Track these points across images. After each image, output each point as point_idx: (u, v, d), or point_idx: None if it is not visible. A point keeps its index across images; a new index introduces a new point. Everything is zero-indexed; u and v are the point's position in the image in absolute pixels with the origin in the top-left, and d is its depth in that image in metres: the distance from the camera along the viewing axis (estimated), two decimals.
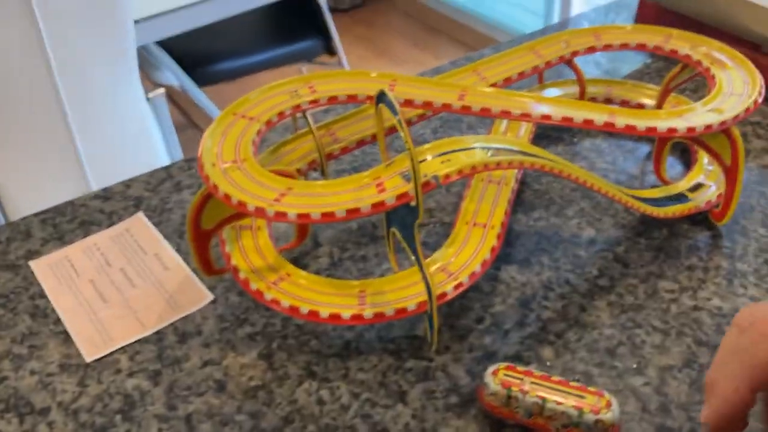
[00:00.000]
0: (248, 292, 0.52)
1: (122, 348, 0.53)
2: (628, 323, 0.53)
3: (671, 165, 0.68)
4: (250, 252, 0.55)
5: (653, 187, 0.65)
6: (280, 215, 0.44)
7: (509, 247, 0.60)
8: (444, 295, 0.51)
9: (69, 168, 1.25)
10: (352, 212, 0.44)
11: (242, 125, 0.53)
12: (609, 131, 0.54)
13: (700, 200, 0.61)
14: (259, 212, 0.45)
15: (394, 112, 0.43)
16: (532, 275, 0.58)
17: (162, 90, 1.60)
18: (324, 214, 0.44)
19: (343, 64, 2.12)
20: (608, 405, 0.44)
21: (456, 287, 0.51)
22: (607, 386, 0.49)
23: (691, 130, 0.54)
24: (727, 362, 0.38)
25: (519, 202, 0.65)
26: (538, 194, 0.66)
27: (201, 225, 0.51)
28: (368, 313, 0.50)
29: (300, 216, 0.44)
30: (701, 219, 0.62)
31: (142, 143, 1.43)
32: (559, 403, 0.44)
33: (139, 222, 0.65)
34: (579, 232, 0.62)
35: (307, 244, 0.61)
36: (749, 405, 0.37)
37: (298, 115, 0.59)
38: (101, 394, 0.50)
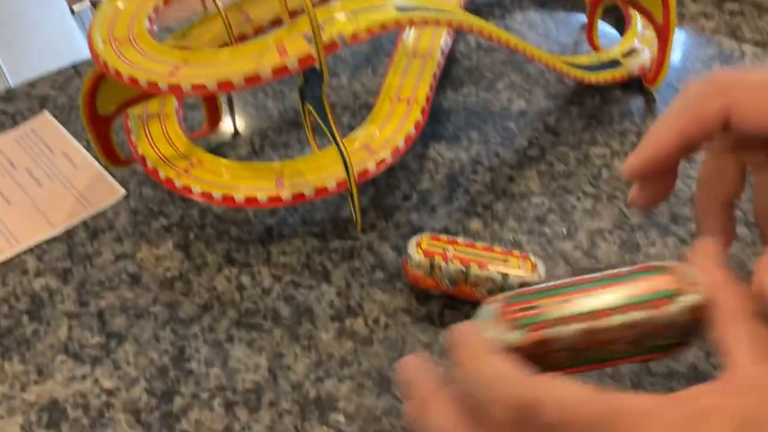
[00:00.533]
0: (158, 182, 0.49)
1: (29, 249, 0.50)
2: (558, 190, 0.52)
3: (605, 34, 0.65)
4: (159, 140, 0.51)
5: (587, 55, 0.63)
6: (174, 89, 0.41)
7: (437, 124, 0.58)
8: (366, 172, 0.48)
9: None
10: (252, 80, 0.40)
11: (139, 1, 0.49)
12: None
13: (633, 65, 0.59)
14: (152, 87, 0.41)
15: None
16: (461, 151, 0.55)
17: (86, 3, 1.51)
18: (221, 84, 0.40)
19: None
20: (533, 268, 0.42)
21: (378, 164, 0.49)
22: (536, 253, 0.48)
23: None
24: (666, 114, 0.32)
25: (448, 78, 0.62)
26: (468, 70, 0.63)
27: (98, 110, 0.47)
28: (286, 194, 0.47)
29: (195, 87, 0.40)
30: (635, 86, 0.60)
31: (68, 55, 1.35)
32: (483, 268, 0.42)
33: (45, 121, 0.61)
34: (509, 105, 0.59)
35: (225, 135, 0.58)
36: (674, 154, 0.31)
37: None
38: (7, 297, 0.47)
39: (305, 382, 0.42)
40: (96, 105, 0.47)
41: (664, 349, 0.28)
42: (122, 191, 0.54)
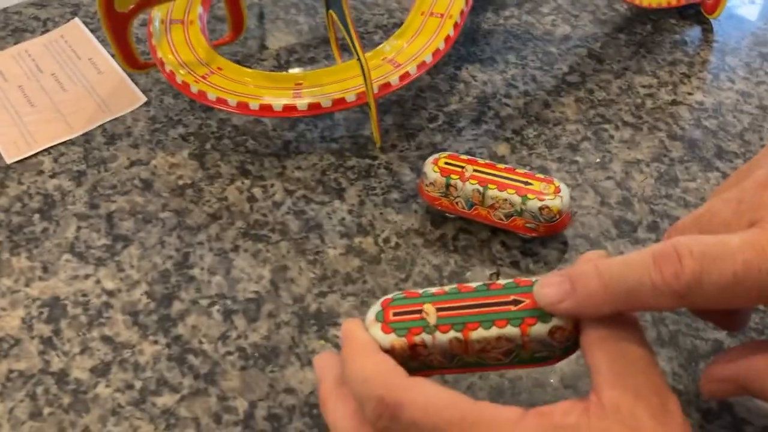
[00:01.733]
0: (174, 86, 0.47)
1: (47, 150, 0.50)
2: (596, 118, 0.48)
3: None
4: (180, 46, 0.50)
5: None
6: None
7: (473, 45, 0.54)
8: (388, 85, 0.46)
9: None
10: None
11: None
12: None
13: None
14: None
15: None
16: (496, 73, 0.52)
17: None
18: None
19: None
20: (557, 191, 0.39)
21: (402, 77, 0.46)
22: (565, 180, 0.45)
23: None
24: None
25: (489, 0, 0.58)
26: None
27: (115, 6, 0.45)
28: (302, 103, 0.45)
29: None
30: (692, 14, 0.55)
31: None
32: (502, 189, 0.40)
33: (75, 28, 0.60)
34: (552, 29, 0.55)
35: (251, 47, 0.56)
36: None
37: None
38: (20, 195, 0.47)
39: (307, 295, 0.40)
40: (113, 1, 0.45)
41: (536, 360, 0.28)
42: (143, 98, 0.53)
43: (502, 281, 0.28)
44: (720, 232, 0.26)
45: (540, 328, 0.27)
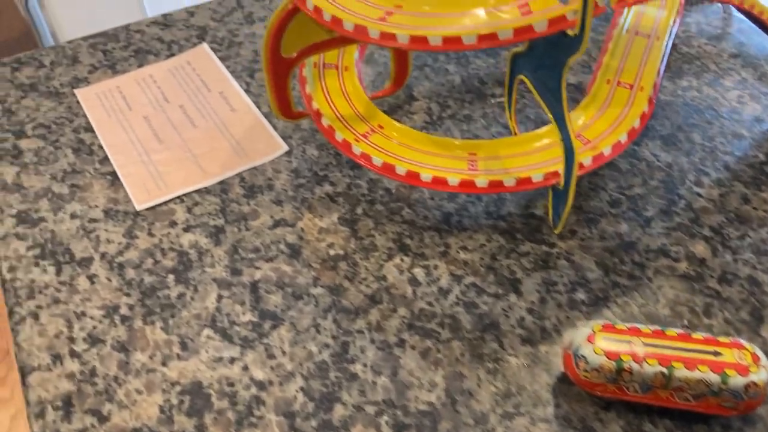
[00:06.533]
0: (333, 144, 0.42)
1: (179, 197, 0.45)
2: None
3: None
4: (336, 95, 0.45)
5: None
6: (387, 37, 0.33)
7: (651, 118, 0.49)
8: (580, 166, 0.40)
9: None
10: (486, 39, 0.32)
11: None
12: None
13: None
14: (360, 32, 0.34)
15: None
16: (681, 155, 0.46)
17: None
18: (447, 39, 0.32)
19: None
20: (756, 360, 0.32)
21: (595, 159, 0.40)
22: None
23: None
24: None
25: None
26: (687, 58, 0.53)
27: (281, 50, 0.40)
28: (482, 180, 0.40)
29: (414, 40, 0.33)
30: None
31: None
32: (691, 368, 0.32)
33: (203, 54, 0.55)
34: (740, 107, 0.49)
35: (399, 97, 0.51)
36: None
37: None
38: (152, 249, 0.42)
39: (490, 416, 0.34)
40: (280, 45, 0.40)
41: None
42: (284, 147, 0.48)
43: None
44: None
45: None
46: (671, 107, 0.49)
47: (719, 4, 0.58)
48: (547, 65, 0.36)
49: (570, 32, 0.32)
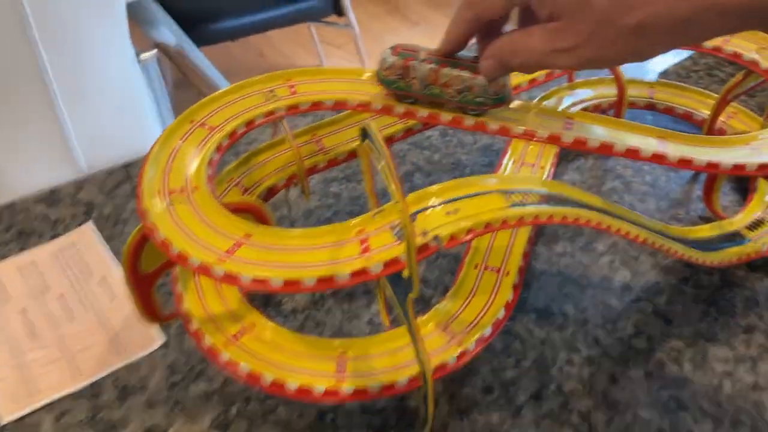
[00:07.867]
0: (200, 351, 0.42)
1: (49, 404, 0.44)
2: (671, 403, 0.43)
3: (723, 194, 0.57)
4: (209, 293, 0.45)
5: (701, 218, 0.54)
6: (230, 278, 0.34)
7: (526, 289, 0.50)
8: (444, 367, 0.41)
9: (51, 133, 1.13)
10: (325, 281, 0.33)
11: (199, 137, 0.42)
12: (658, 163, 0.43)
13: (761, 242, 0.50)
14: (203, 270, 0.34)
15: (379, 154, 0.32)
16: (553, 329, 0.47)
17: (153, 52, 1.48)
18: (287, 282, 0.33)
19: (353, 25, 1.99)
20: None
21: (459, 357, 0.41)
22: None
23: (764, 167, 0.43)
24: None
25: (539, 230, 0.54)
26: None
27: (140, 268, 0.40)
28: (347, 387, 0.40)
29: (256, 281, 0.33)
30: (761, 264, 0.51)
31: (130, 110, 1.31)
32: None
33: (89, 234, 0.55)
34: (611, 274, 0.51)
35: None
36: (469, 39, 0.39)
37: None
38: None
39: None
40: (139, 264, 0.40)
41: (479, 104, 0.42)
42: (160, 339, 0.47)
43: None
44: None
45: (483, 80, 0.40)
46: (546, 276, 0.51)
47: (593, 160, 0.61)
48: (397, 293, 0.37)
49: (404, 273, 0.33)
